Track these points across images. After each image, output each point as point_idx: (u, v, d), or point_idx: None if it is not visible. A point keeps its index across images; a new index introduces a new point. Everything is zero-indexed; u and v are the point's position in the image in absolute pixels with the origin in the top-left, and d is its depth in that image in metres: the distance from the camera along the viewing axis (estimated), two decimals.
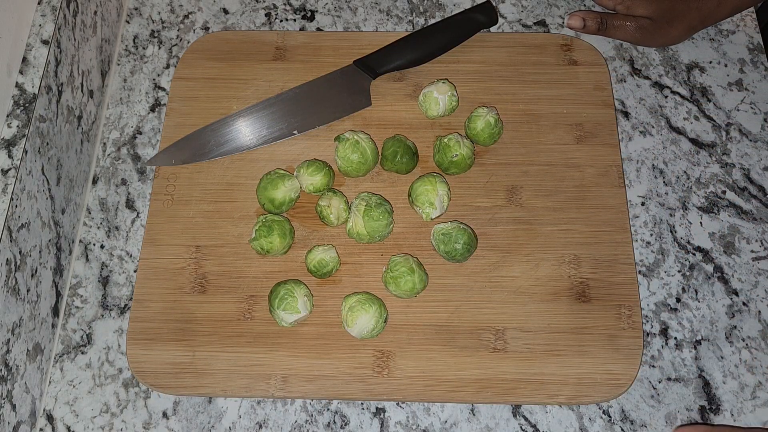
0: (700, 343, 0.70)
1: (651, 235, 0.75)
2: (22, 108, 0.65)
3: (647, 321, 0.71)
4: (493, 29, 0.84)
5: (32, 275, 0.66)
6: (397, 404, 0.68)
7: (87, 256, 0.75)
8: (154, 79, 0.84)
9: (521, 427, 0.67)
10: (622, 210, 0.74)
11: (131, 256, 0.75)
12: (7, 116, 0.65)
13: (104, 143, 0.80)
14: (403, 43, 0.79)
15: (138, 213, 0.77)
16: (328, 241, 0.73)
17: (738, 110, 0.80)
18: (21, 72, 0.67)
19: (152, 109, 0.82)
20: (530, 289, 0.70)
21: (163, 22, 0.87)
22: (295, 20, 0.87)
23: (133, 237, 0.76)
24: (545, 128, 0.78)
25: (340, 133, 0.74)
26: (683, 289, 0.72)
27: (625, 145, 0.79)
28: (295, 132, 0.77)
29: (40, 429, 0.68)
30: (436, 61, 0.81)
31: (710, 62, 0.83)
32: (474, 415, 0.68)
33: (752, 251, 0.74)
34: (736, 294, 0.72)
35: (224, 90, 0.81)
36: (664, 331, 0.71)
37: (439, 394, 0.67)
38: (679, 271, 0.73)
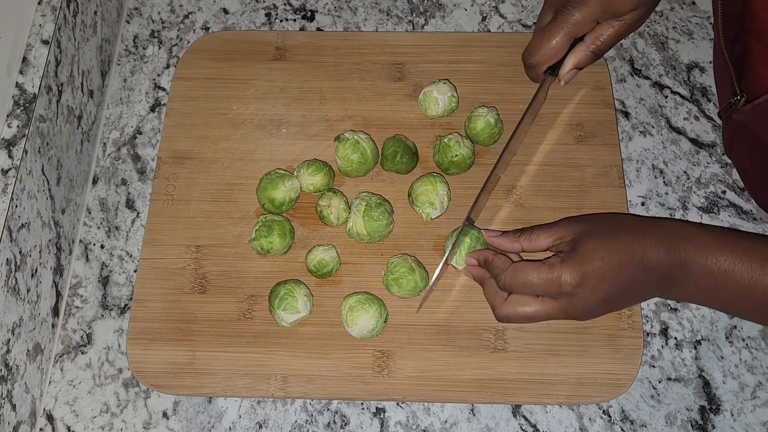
0: (700, 343, 0.70)
1: None
2: (22, 108, 0.65)
3: (647, 321, 0.71)
4: (492, 29, 0.84)
5: (32, 275, 0.66)
6: (397, 404, 0.68)
7: (87, 256, 0.75)
8: (154, 79, 0.84)
9: (521, 427, 0.67)
10: (622, 210, 0.74)
11: (131, 256, 0.75)
12: (7, 116, 0.65)
13: (104, 143, 0.80)
14: None
15: (138, 213, 0.77)
16: (328, 241, 0.73)
17: None
18: (21, 72, 0.67)
19: (152, 109, 0.82)
20: None
21: (163, 22, 0.87)
22: (295, 20, 0.87)
23: (133, 237, 0.76)
24: (545, 128, 0.78)
25: (340, 133, 0.75)
26: None
27: (625, 145, 0.79)
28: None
29: (40, 429, 0.68)
30: (436, 61, 0.81)
31: (710, 62, 0.83)
32: (474, 415, 0.68)
33: None
34: None
35: (224, 90, 0.81)
36: (664, 331, 0.71)
37: (439, 394, 0.67)
38: None
